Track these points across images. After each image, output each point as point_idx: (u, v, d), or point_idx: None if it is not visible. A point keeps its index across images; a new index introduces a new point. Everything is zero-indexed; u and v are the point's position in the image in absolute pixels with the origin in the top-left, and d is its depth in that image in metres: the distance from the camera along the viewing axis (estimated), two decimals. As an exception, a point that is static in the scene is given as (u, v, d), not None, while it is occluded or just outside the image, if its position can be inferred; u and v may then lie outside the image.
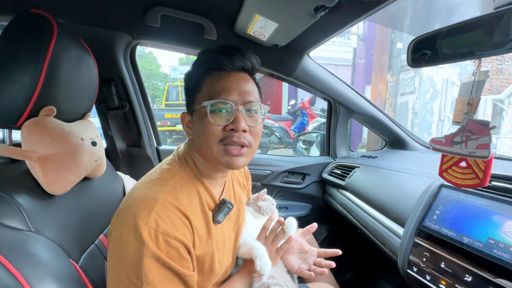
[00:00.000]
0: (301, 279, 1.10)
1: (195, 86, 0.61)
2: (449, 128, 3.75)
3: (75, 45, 0.70)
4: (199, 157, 0.63)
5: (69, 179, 0.65)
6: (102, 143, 0.83)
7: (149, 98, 1.29)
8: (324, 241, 1.52)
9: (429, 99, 3.95)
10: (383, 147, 1.64)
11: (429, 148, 1.49)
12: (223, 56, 0.59)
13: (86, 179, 0.78)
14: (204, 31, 1.02)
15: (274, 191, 1.46)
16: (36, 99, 0.58)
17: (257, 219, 0.83)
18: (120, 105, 1.12)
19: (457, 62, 4.08)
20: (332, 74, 1.28)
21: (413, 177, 0.99)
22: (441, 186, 0.78)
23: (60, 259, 0.55)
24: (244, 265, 0.73)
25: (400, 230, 0.85)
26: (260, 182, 1.44)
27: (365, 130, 4.91)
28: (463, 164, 0.58)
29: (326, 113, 1.60)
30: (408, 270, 0.74)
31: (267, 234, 0.75)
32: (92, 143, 0.75)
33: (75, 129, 0.70)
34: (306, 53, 1.14)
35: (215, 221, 0.63)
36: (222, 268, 0.66)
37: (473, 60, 0.58)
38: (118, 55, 1.05)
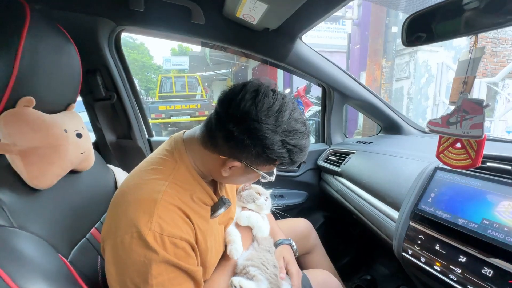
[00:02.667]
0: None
1: (271, 164, 0.58)
2: (445, 110, 3.76)
3: (52, 31, 0.66)
4: (199, 161, 0.61)
5: (54, 173, 0.63)
6: (89, 135, 0.80)
7: (143, 91, 1.24)
8: (320, 228, 1.53)
9: (424, 84, 3.93)
10: (379, 133, 1.63)
11: (424, 132, 1.50)
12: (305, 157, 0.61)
13: (74, 172, 0.76)
14: (191, 15, 0.97)
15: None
16: (12, 89, 0.55)
17: (240, 207, 0.85)
18: (107, 96, 1.08)
19: (453, 42, 4.06)
20: (326, 58, 1.25)
21: (408, 161, 0.99)
22: (436, 168, 0.77)
23: (47, 254, 0.54)
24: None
25: (395, 214, 0.85)
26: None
27: (361, 117, 4.90)
28: (458, 145, 0.56)
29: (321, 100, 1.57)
30: (403, 254, 0.74)
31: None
32: (77, 134, 0.72)
33: (58, 120, 0.67)
34: (298, 37, 1.11)
35: (213, 217, 0.64)
36: (218, 256, 0.68)
37: (470, 37, 0.55)
38: (102, 43, 1.00)
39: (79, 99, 0.87)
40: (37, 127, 0.60)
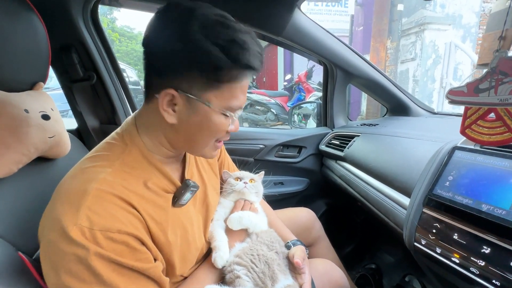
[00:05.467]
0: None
1: (213, 78, 0.46)
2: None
3: None
4: (154, 132, 0.53)
5: (12, 159, 0.54)
6: (61, 118, 0.71)
7: (142, 82, 1.15)
8: (322, 216, 1.46)
9: (431, 65, 3.74)
10: (384, 115, 1.53)
11: (433, 113, 1.40)
12: (259, 61, 0.48)
13: (44, 160, 0.67)
14: (174, -19, 0.85)
15: (268, 166, 1.37)
16: None
17: (226, 199, 0.75)
18: (85, 76, 0.97)
19: (462, 20, 3.84)
20: (328, 32, 1.13)
21: (419, 142, 0.89)
22: (454, 148, 0.68)
23: (1, 253, 0.46)
24: None
25: (405, 200, 0.77)
26: (253, 157, 1.35)
27: (364, 101, 4.74)
28: (492, 116, 0.46)
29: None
30: (416, 244, 0.67)
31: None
32: (43, 116, 0.63)
33: (16, 99, 0.58)
34: (297, 6, 0.98)
35: (178, 205, 0.55)
36: (193, 250, 0.59)
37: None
38: (76, 15, 0.89)
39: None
40: (-14, 106, 0.51)
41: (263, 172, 0.80)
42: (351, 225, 1.51)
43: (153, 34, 0.47)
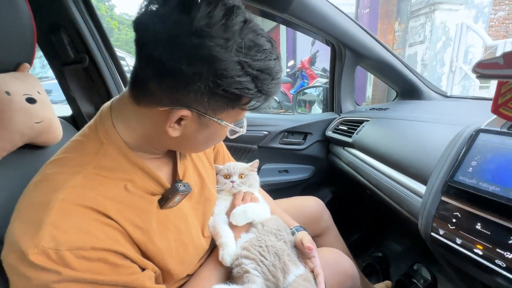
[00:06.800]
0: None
1: (233, 103, 0.42)
2: (464, 76, 3.39)
3: None
4: (138, 130, 0.45)
5: (-5, 146, 0.50)
6: (49, 102, 0.66)
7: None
8: (328, 204, 1.42)
9: (441, 48, 3.58)
10: (394, 99, 1.46)
11: (446, 96, 1.32)
12: (279, 87, 0.45)
13: (34, 147, 0.63)
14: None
15: (272, 153, 1.33)
16: None
17: (220, 194, 0.70)
18: (77, 59, 0.91)
19: (474, 0, 3.64)
20: (336, 7, 1.04)
21: (435, 126, 0.83)
22: (479, 131, 0.62)
23: None
24: None
25: (421, 188, 0.72)
26: (257, 144, 1.30)
27: (369, 86, 4.61)
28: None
29: (327, 72, 1.38)
30: (433, 234, 0.62)
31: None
32: (28, 99, 0.58)
33: (-4, 80, 0.52)
34: (303, -22, 0.90)
35: (166, 207, 0.49)
36: (191, 250, 0.53)
37: None
38: None
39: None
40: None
41: (257, 161, 0.73)
42: (357, 213, 1.48)
43: (169, 22, 0.35)
